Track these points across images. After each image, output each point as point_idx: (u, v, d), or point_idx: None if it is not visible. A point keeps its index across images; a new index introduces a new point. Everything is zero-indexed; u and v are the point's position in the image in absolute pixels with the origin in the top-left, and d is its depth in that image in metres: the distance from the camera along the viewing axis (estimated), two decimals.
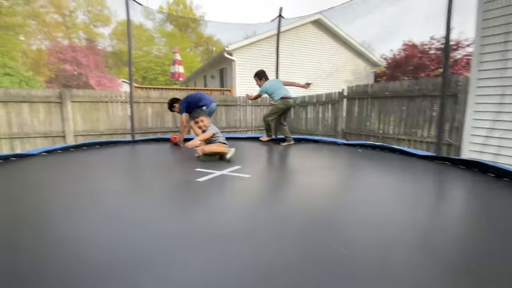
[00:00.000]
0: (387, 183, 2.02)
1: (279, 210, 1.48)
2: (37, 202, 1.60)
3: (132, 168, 2.72)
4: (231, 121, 7.60)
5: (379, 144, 3.47)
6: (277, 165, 2.85)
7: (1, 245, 1.09)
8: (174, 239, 1.12)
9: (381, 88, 4.92)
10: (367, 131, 5.22)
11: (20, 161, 2.65)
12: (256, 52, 10.54)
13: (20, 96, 5.12)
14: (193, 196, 1.73)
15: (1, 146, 5.07)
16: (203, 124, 3.02)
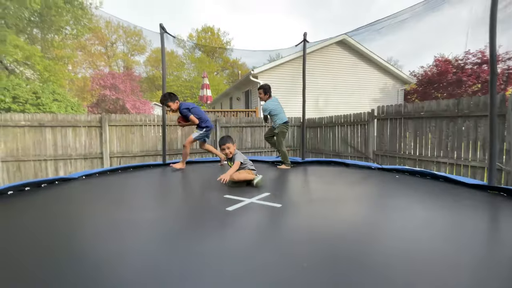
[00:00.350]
0: (433, 218, 1.81)
1: (314, 249, 1.37)
2: (75, 227, 1.66)
3: (162, 194, 2.75)
4: (257, 141, 7.62)
5: (419, 170, 3.21)
6: (307, 193, 2.73)
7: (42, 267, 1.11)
8: (204, 272, 1.07)
9: (415, 108, 4.66)
10: (401, 153, 4.91)
11: (63, 185, 2.82)
12: (280, 74, 10.72)
13: (66, 121, 5.62)
14: (224, 228, 1.68)
15: (47, 167, 5.52)
16: (229, 151, 2.93)
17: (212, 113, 9.88)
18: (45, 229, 1.66)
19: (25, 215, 1.93)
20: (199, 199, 2.47)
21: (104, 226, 1.71)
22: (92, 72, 23.14)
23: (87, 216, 1.92)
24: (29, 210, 2.05)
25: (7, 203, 2.22)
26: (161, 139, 6.38)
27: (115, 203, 2.25)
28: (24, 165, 5.34)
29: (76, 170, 5.71)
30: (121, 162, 6.10)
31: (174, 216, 1.91)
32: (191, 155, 6.80)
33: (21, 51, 12.90)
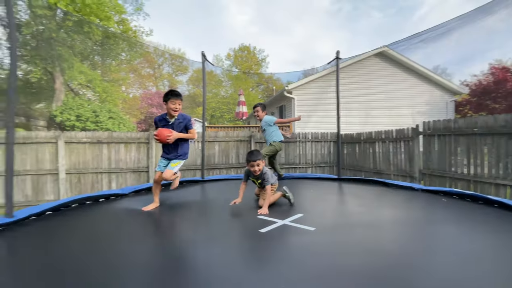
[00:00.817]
0: (483, 252, 1.62)
1: (348, 281, 1.34)
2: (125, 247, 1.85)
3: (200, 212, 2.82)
4: (291, 157, 7.59)
5: (469, 193, 2.90)
6: (342, 214, 2.63)
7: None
8: None
9: (468, 123, 4.26)
10: (452, 173, 4.48)
11: (116, 201, 3.17)
12: (315, 89, 10.67)
13: (119, 138, 6.29)
14: (257, 251, 1.70)
15: (102, 179, 6.19)
16: (258, 169, 2.72)
17: (247, 128, 10.16)
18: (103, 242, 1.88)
19: (85, 228, 2.22)
20: (233, 218, 2.51)
21: (145, 244, 1.87)
22: (141, 92, 25.62)
23: (138, 234, 2.13)
24: (88, 224, 2.35)
25: (72, 215, 2.56)
26: (200, 154, 6.75)
27: (151, 224, 2.45)
28: (83, 177, 6.07)
29: (126, 181, 6.29)
30: None
31: (212, 238, 1.99)
32: (227, 169, 7.02)
33: (84, 76, 14.93)
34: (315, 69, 11.62)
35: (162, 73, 31.24)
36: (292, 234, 1.97)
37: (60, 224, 2.33)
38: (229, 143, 7.14)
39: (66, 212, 2.62)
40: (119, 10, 16.05)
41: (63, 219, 2.44)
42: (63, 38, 13.71)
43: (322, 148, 7.83)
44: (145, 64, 27.59)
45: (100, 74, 17.79)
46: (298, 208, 2.68)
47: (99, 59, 18.39)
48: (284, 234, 1.97)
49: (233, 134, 7.20)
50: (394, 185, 3.86)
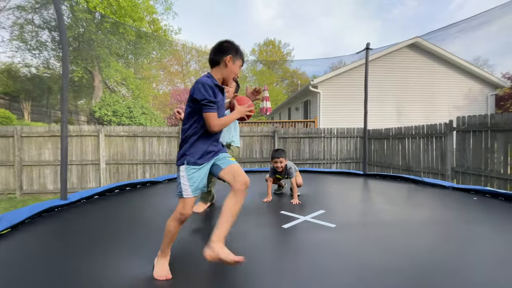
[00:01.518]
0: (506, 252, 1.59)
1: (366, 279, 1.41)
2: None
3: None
4: (315, 152, 7.58)
5: (504, 192, 2.76)
6: (364, 212, 2.61)
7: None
8: None
9: (506, 119, 3.98)
10: (488, 171, 4.23)
11: (152, 187, 3.49)
12: (342, 83, 10.42)
13: (152, 132, 6.74)
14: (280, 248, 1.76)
15: (137, 170, 6.70)
16: (281, 166, 2.87)
17: (271, 124, 10.26)
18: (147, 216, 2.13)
19: (129, 209, 2.51)
20: (258, 215, 2.49)
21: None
22: (170, 89, 26.76)
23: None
24: (129, 204, 2.65)
25: (114, 199, 2.90)
26: None
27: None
28: (121, 167, 6.62)
29: (158, 172, 6.76)
30: None
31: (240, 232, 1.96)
32: (251, 163, 7.22)
33: (119, 74, 15.96)
34: (343, 61, 11.31)
35: (190, 70, 32.25)
36: (313, 230, 2.00)
37: (107, 205, 2.66)
38: (253, 138, 7.31)
39: (111, 197, 2.96)
40: (150, 10, 16.85)
41: (108, 202, 2.78)
42: (101, 39, 14.77)
43: (348, 143, 7.71)
44: (173, 62, 28.68)
45: (133, 72, 18.91)
46: (320, 204, 2.74)
47: (132, 58, 19.50)
48: (305, 230, 2.01)
49: (257, 129, 7.36)
50: (423, 182, 3.75)
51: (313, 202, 2.84)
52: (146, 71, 21.22)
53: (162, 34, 19.64)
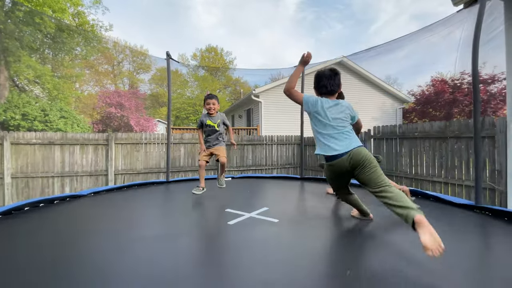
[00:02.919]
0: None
1: (304, 262, 1.51)
2: (81, 245, 1.80)
3: (166, 210, 2.89)
4: (258, 159, 7.79)
5: (410, 189, 3.34)
6: (302, 209, 2.88)
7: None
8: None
9: (410, 128, 4.86)
10: (398, 172, 5.05)
11: (73, 202, 2.99)
12: (281, 93, 11.03)
13: (74, 139, 5.85)
14: (226, 243, 1.83)
15: (54, 184, 5.69)
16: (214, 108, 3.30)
17: None
18: (58, 245, 1.81)
19: (41, 231, 2.08)
20: (202, 213, 2.64)
21: (113, 242, 1.85)
22: (98, 90, 23.85)
23: (96, 233, 2.07)
24: (43, 226, 2.21)
25: (25, 218, 2.37)
26: (164, 157, 6.57)
27: (121, 221, 2.40)
28: (32, 181, 5.52)
29: (82, 186, 5.87)
30: (125, 178, 6.26)
31: (181, 232, 2.04)
32: (193, 172, 6.95)
33: (33, 70, 13.49)
34: (281, 73, 12.07)
35: (122, 71, 29.46)
36: (258, 225, 2.15)
37: (16, 227, 2.15)
38: (196, 145, 7.08)
39: (18, 216, 2.41)
40: (75, 2, 14.88)
41: (17, 222, 2.25)
42: (11, 30, 12.24)
43: (287, 150, 8.18)
44: (103, 61, 25.77)
45: (51, 69, 16.21)
46: (264, 203, 2.90)
47: (50, 53, 16.77)
48: (250, 225, 2.13)
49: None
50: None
51: (258, 201, 3.00)
52: (68, 69, 18.48)
53: (89, 29, 17.51)
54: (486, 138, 3.71)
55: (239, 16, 55.34)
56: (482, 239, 1.98)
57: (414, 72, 31.27)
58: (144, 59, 29.85)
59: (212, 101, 3.21)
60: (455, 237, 1.90)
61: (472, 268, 1.48)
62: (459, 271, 1.40)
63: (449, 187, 4.26)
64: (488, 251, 1.77)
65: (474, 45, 2.54)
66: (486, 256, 1.68)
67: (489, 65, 11.62)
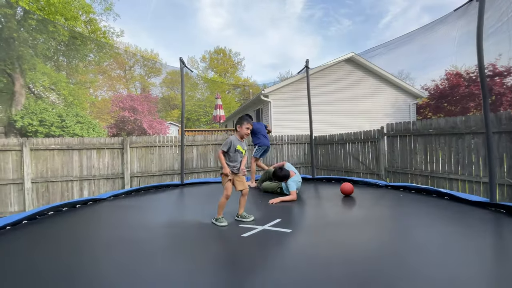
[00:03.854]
0: (434, 240, 1.91)
1: (321, 273, 1.52)
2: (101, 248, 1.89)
3: (181, 217, 2.86)
4: (268, 159, 7.81)
5: (424, 187, 3.29)
6: (315, 216, 2.81)
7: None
8: None
9: (424, 125, 4.76)
10: (413, 170, 4.96)
11: (93, 206, 3.11)
12: (290, 93, 11.04)
13: (91, 144, 6.06)
14: (241, 255, 1.82)
15: (73, 187, 5.91)
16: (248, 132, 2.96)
17: (225, 132, 10.24)
18: (84, 250, 1.90)
19: (66, 235, 2.20)
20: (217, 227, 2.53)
21: (135, 241, 1.93)
22: (111, 95, 24.51)
23: (119, 232, 2.16)
24: (68, 230, 2.32)
25: (50, 223, 2.50)
26: (178, 159, 6.71)
27: (140, 223, 2.49)
28: (52, 185, 5.76)
29: (99, 189, 6.07)
30: (140, 181, 6.43)
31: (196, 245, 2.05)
32: (205, 173, 7.06)
33: (48, 78, 14.00)
34: (290, 72, 12.03)
35: (134, 75, 30.14)
36: (271, 237, 2.10)
37: (40, 232, 2.27)
38: (207, 147, 7.18)
39: (43, 220, 2.54)
40: (86, 9, 15.32)
41: (42, 227, 2.38)
42: (25, 38, 12.77)
43: (298, 149, 8.16)
44: (115, 66, 26.47)
45: (66, 76, 16.79)
46: (277, 213, 2.84)
47: (64, 60, 17.36)
48: (263, 238, 2.09)
49: (211, 138, 7.25)
50: (362, 182, 4.20)
51: (270, 211, 2.93)
52: (82, 75, 19.11)
53: (101, 36, 18.01)
54: (503, 134, 3.59)
55: (246, 17, 55.48)
56: (494, 237, 1.94)
57: (427, 66, 30.33)
58: (155, 63, 30.44)
59: (250, 125, 2.80)
60: (468, 236, 1.87)
61: (484, 266, 1.46)
62: (471, 269, 1.39)
63: (466, 185, 4.14)
64: (500, 249, 1.73)
65: (478, 38, 2.47)
66: (497, 254, 1.65)
67: (505, 57, 11.16)
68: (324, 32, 56.88)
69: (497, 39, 2.67)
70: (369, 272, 1.41)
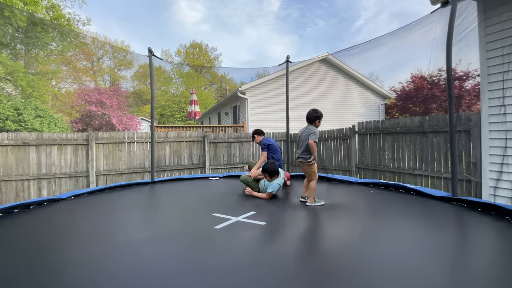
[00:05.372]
0: (402, 232, 2.00)
1: (292, 264, 1.51)
2: (66, 251, 1.72)
3: (151, 213, 2.79)
4: (245, 156, 7.76)
5: (393, 183, 3.45)
6: (290, 210, 2.85)
7: None
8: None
9: (392, 124, 5.00)
10: (381, 166, 5.19)
11: (51, 206, 2.84)
12: (267, 90, 11.07)
13: (51, 139, 5.56)
14: (213, 247, 1.78)
15: (29, 187, 5.40)
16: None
17: (201, 128, 10.00)
18: (35, 252, 1.71)
19: (16, 238, 1.96)
20: (189, 217, 2.55)
21: (96, 247, 1.78)
22: (77, 87, 22.85)
23: (78, 238, 1.97)
24: (19, 233, 2.08)
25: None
26: (149, 156, 6.41)
27: (105, 224, 2.31)
28: (5, 185, 5.20)
29: (61, 189, 5.61)
30: (107, 180, 6.05)
31: (166, 236, 1.99)
32: (179, 171, 6.83)
33: (3, 66, 12.70)
34: (267, 70, 12.08)
35: (102, 67, 28.35)
36: (245, 229, 2.09)
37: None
38: (181, 143, 6.95)
39: None
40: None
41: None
42: None
43: None
44: (81, 56, 24.68)
45: (24, 65, 15.31)
46: (251, 206, 2.84)
47: (23, 48, 15.84)
48: (237, 229, 2.08)
49: (185, 135, 7.02)
50: (335, 180, 4.31)
51: (245, 203, 2.91)
52: (43, 65, 17.57)
53: (65, 24, 16.67)
54: (462, 132, 3.88)
55: (224, 13, 54.62)
56: (457, 230, 2.07)
57: (395, 69, 32.28)
58: (126, 55, 28.86)
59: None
60: (433, 229, 1.98)
61: (448, 258, 1.54)
62: (436, 261, 1.45)
63: (429, 180, 4.42)
64: (462, 241, 1.85)
65: (447, 43, 2.63)
66: (460, 246, 1.75)
67: (464, 62, 12.16)
68: (300, 32, 57.86)
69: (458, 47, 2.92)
70: (333, 263, 1.42)
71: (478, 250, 1.64)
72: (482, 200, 2.43)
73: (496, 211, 2.20)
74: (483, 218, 2.14)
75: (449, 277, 1.30)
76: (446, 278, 1.29)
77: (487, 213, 2.23)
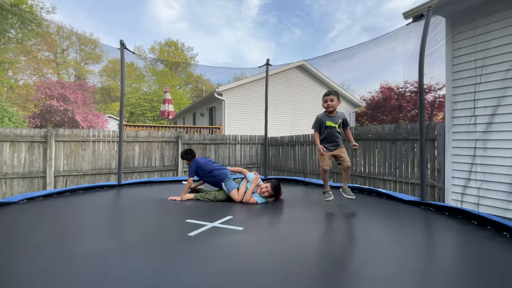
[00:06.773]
0: (375, 233, 2.03)
1: (273, 273, 1.44)
2: (16, 261, 1.47)
3: (116, 219, 2.55)
4: (221, 158, 7.60)
5: (366, 188, 3.55)
6: (267, 214, 2.78)
7: None
8: None
9: (364, 130, 5.19)
10: (353, 171, 5.36)
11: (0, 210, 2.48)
12: (245, 93, 11.02)
13: (2, 135, 4.96)
14: (187, 256, 1.65)
15: None
16: (332, 104, 2.75)
17: (174, 129, 9.63)
18: None
19: None
20: (159, 224, 2.36)
21: (51, 259, 1.55)
22: (36, 80, 20.93)
23: (29, 248, 1.72)
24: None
25: None
26: (116, 156, 5.99)
27: (62, 232, 2.05)
28: None
29: (12, 190, 5.01)
30: (68, 181, 5.53)
31: (134, 246, 1.80)
32: (149, 173, 6.47)
33: None
34: (244, 73, 12.03)
35: (67, 60, 26.34)
36: (221, 235, 1.97)
37: None
38: (152, 144, 6.60)
39: None
40: None
41: None
42: None
43: (251, 150, 8.14)
44: (43, 47, 22.72)
45: None
46: (227, 211, 2.72)
47: None
48: (213, 236, 1.95)
49: (157, 134, 6.69)
50: (311, 183, 4.34)
51: (221, 209, 2.78)
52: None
53: (27, 10, 15.26)
54: (428, 140, 4.12)
55: (201, 13, 53.89)
56: (426, 232, 2.16)
57: (365, 79, 34.19)
58: (94, 48, 27.12)
59: (329, 97, 2.70)
60: (403, 231, 2.03)
61: (416, 257, 1.57)
62: (402, 260, 1.47)
63: (397, 185, 4.64)
64: (430, 242, 1.92)
65: (420, 56, 2.77)
66: (428, 246, 1.81)
67: (427, 76, 13.16)
68: (277, 39, 59.00)
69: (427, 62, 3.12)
70: (305, 267, 1.38)
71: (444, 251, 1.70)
72: (448, 205, 2.57)
73: (463, 215, 2.34)
74: (449, 221, 2.25)
75: (419, 278, 1.32)
76: (415, 279, 1.30)
77: (454, 217, 2.36)
